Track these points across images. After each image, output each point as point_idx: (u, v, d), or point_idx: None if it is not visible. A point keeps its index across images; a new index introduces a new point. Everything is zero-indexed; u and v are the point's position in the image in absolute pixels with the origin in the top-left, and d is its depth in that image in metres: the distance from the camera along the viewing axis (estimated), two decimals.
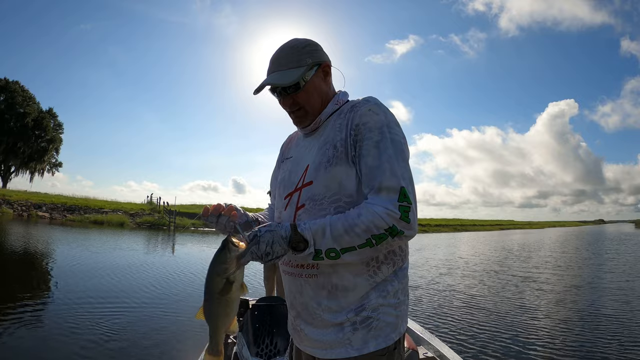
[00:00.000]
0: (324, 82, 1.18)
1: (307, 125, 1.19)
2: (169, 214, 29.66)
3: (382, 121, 1.06)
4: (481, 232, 55.24)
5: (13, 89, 42.68)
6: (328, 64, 1.18)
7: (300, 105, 1.15)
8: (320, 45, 1.19)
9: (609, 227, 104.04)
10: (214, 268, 0.98)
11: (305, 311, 1.12)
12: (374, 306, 1.05)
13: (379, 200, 0.98)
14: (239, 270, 0.99)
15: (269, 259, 0.98)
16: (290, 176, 1.20)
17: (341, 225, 0.97)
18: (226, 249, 0.97)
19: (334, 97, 1.20)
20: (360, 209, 0.98)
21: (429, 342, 3.06)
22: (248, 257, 0.97)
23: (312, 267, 1.08)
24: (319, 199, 1.08)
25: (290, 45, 1.15)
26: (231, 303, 1.01)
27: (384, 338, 1.05)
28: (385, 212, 0.95)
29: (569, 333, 5.41)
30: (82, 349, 4.16)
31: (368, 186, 1.02)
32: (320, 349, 1.10)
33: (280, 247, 0.97)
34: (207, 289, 0.99)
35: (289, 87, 1.12)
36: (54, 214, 28.79)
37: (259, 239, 0.97)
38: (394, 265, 1.10)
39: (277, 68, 1.14)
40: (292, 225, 1.00)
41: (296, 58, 1.12)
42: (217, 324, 1.03)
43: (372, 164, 1.02)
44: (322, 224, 0.99)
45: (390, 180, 0.99)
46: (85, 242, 15.54)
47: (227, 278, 0.97)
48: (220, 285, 0.97)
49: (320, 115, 1.17)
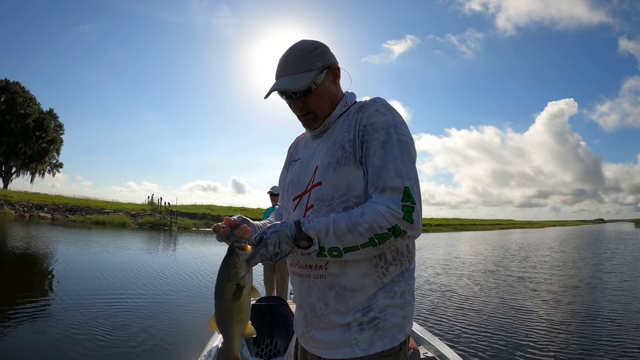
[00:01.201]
0: (333, 84, 1.18)
1: (316, 127, 1.19)
2: (171, 214, 29.74)
3: (389, 122, 1.06)
4: (481, 231, 55.24)
5: (14, 89, 42.72)
6: (337, 66, 1.18)
7: (310, 110, 1.15)
8: (328, 47, 1.19)
9: (608, 227, 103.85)
10: (224, 274, 0.96)
11: (313, 312, 1.12)
12: (381, 307, 1.05)
13: (383, 199, 0.98)
14: (249, 274, 0.99)
15: (278, 259, 0.99)
16: (299, 178, 1.19)
17: (344, 224, 0.97)
18: (234, 253, 0.96)
19: (342, 98, 1.20)
20: (364, 208, 0.99)
21: (429, 342, 3.07)
22: (257, 259, 0.97)
23: (320, 268, 1.08)
24: (328, 199, 1.08)
25: (300, 48, 1.14)
26: (244, 308, 0.99)
27: (390, 339, 1.05)
28: (388, 211, 0.96)
29: (569, 333, 5.42)
30: (83, 349, 4.18)
31: (373, 186, 1.03)
32: (326, 349, 1.09)
33: (287, 245, 0.98)
34: (218, 296, 0.97)
35: (299, 91, 1.12)
36: (56, 214, 28.84)
37: (266, 241, 0.97)
38: (402, 266, 1.10)
39: (287, 72, 1.13)
40: (296, 224, 1.00)
41: (306, 61, 1.12)
42: (233, 332, 1.00)
43: (378, 163, 1.02)
44: (325, 223, 0.99)
45: (394, 180, 0.99)
46: (90, 242, 15.60)
47: (238, 283, 0.96)
48: (231, 291, 0.96)
49: (329, 117, 1.17)
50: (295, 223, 1.00)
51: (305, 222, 1.00)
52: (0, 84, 42.24)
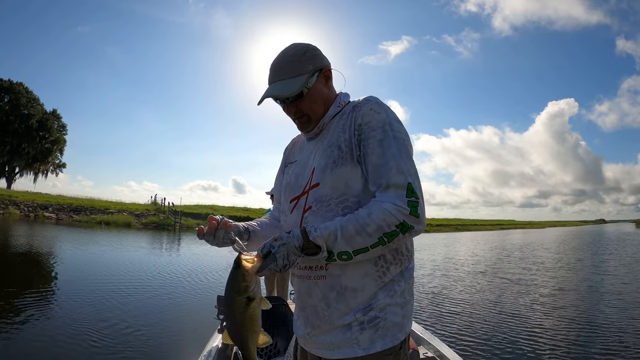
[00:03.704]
0: (325, 86, 1.18)
1: (311, 129, 1.20)
2: (174, 214, 29.85)
3: (384, 119, 1.07)
4: (482, 232, 55.04)
5: (17, 90, 42.89)
6: (329, 67, 1.19)
7: (303, 113, 1.16)
8: (319, 48, 1.19)
9: (609, 227, 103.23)
10: (233, 287, 0.95)
11: (314, 313, 1.12)
12: (382, 306, 1.06)
13: (388, 197, 0.99)
14: (258, 286, 0.98)
15: (287, 269, 0.99)
16: (296, 180, 1.20)
17: (352, 227, 0.97)
18: (241, 267, 0.95)
19: (335, 99, 1.21)
20: (370, 208, 0.99)
21: (429, 342, 3.08)
22: (266, 271, 0.97)
23: (320, 269, 1.09)
24: (326, 200, 1.09)
25: (290, 53, 1.15)
26: (256, 320, 0.98)
27: (391, 338, 1.05)
28: (395, 208, 0.96)
29: (568, 333, 5.42)
30: (83, 348, 4.22)
31: (375, 184, 1.03)
32: (327, 349, 1.10)
33: (295, 255, 0.99)
34: (228, 311, 0.96)
35: (291, 96, 1.13)
36: (61, 214, 28.98)
37: (275, 256, 0.97)
38: (402, 265, 1.10)
39: (278, 77, 1.14)
40: (302, 233, 1.00)
41: (297, 66, 1.12)
42: (248, 344, 1.00)
43: (377, 162, 1.03)
44: (333, 228, 0.99)
45: (397, 177, 1.00)
46: (99, 241, 15.68)
47: (248, 296, 0.95)
48: (242, 304, 0.95)
49: (323, 118, 1.18)
50: (301, 232, 1.00)
51: (312, 230, 1.00)
52: (4, 85, 42.43)
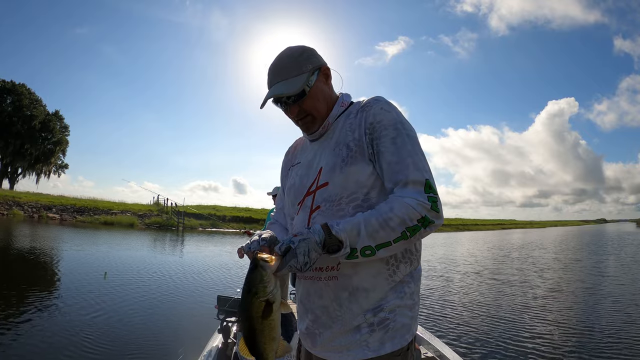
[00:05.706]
0: (326, 85, 1.19)
1: (315, 130, 1.19)
2: (178, 214, 29.95)
3: (395, 118, 1.08)
4: (483, 231, 54.77)
5: (20, 91, 42.95)
6: (327, 66, 1.20)
7: (307, 112, 1.16)
8: (315, 49, 1.20)
9: (610, 227, 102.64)
10: (251, 290, 0.87)
11: (326, 314, 1.10)
12: (392, 307, 1.06)
13: (408, 192, 1.00)
14: (277, 288, 0.91)
15: (307, 268, 0.95)
16: (301, 181, 1.19)
17: (375, 221, 0.97)
18: (259, 267, 0.88)
19: (338, 99, 1.22)
20: (392, 203, 0.99)
21: (429, 342, 3.14)
22: (286, 270, 0.93)
23: (332, 269, 1.08)
24: (336, 199, 1.08)
25: (287, 55, 1.16)
26: (275, 325, 0.91)
27: (399, 339, 1.06)
28: (417, 202, 0.97)
29: (568, 333, 5.50)
30: (83, 347, 4.31)
31: (392, 181, 1.04)
32: (335, 351, 1.09)
33: (316, 253, 0.96)
34: (245, 316, 0.89)
35: (294, 96, 1.13)
36: (64, 215, 29.14)
37: (295, 251, 0.94)
38: (411, 265, 1.11)
39: (278, 79, 1.14)
40: (324, 228, 0.98)
41: (296, 66, 1.13)
42: (267, 354, 0.91)
43: (393, 159, 1.04)
44: (356, 223, 0.98)
45: (415, 173, 1.02)
46: (105, 241, 15.69)
47: (267, 299, 0.88)
48: (260, 308, 0.88)
49: (327, 118, 1.18)
50: (323, 227, 0.98)
51: (334, 224, 0.99)
52: (7, 86, 42.55)
